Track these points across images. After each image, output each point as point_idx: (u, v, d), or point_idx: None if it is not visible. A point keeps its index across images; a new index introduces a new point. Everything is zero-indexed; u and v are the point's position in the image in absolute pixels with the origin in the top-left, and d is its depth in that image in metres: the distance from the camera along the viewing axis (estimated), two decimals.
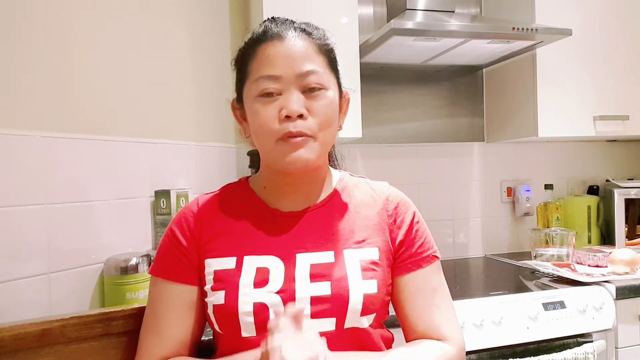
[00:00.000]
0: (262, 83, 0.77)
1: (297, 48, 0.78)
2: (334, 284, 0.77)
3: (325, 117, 0.78)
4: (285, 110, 0.75)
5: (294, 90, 0.76)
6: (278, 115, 0.76)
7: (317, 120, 0.77)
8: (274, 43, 0.78)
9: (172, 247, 0.83)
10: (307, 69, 0.77)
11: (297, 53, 0.77)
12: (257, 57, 0.79)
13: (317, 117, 0.77)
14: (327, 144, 0.81)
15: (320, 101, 0.78)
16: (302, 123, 0.76)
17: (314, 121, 0.77)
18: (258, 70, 0.78)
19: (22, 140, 0.98)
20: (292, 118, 0.75)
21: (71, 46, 1.10)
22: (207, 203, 0.86)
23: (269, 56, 0.77)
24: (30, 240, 0.99)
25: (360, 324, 0.78)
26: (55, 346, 0.80)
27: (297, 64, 0.77)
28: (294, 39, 0.78)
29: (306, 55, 0.78)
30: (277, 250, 0.80)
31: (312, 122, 0.77)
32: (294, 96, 0.76)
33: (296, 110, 0.75)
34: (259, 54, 0.79)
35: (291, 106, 0.75)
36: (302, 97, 0.77)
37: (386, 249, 0.83)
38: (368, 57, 1.74)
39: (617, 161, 2.27)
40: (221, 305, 0.77)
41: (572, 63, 1.83)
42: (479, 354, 1.29)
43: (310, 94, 0.77)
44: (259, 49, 0.79)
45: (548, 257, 1.68)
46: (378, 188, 0.90)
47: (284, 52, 0.77)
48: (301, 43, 0.78)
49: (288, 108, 0.75)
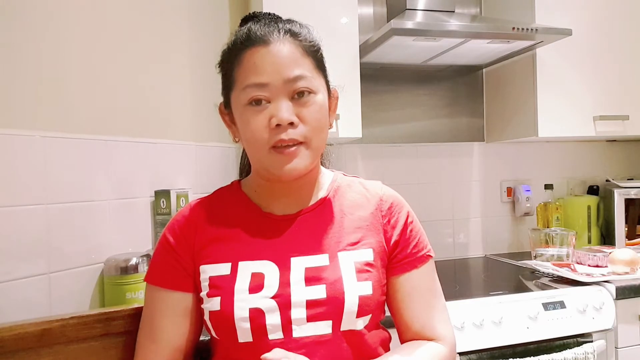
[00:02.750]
0: (250, 91, 0.76)
1: (284, 53, 0.76)
2: (329, 287, 0.76)
3: (317, 122, 0.78)
4: (276, 119, 0.75)
5: (282, 98, 0.76)
6: (268, 124, 0.75)
7: (308, 127, 0.77)
8: (259, 49, 0.76)
9: (166, 254, 0.83)
10: (295, 74, 0.76)
11: (284, 58, 0.76)
12: (242, 65, 0.77)
13: (308, 124, 0.77)
14: (320, 148, 0.81)
15: (310, 107, 0.77)
16: (293, 131, 0.76)
17: (305, 128, 0.77)
18: (245, 78, 0.77)
19: (22, 140, 0.98)
20: (282, 126, 0.75)
21: (71, 46, 1.10)
22: (200, 208, 0.86)
23: (255, 63, 0.76)
24: (30, 240, 0.99)
25: (356, 325, 0.78)
26: (55, 346, 0.79)
27: (284, 69, 0.76)
28: (279, 44, 0.77)
29: (293, 59, 0.77)
30: (271, 255, 0.79)
31: (304, 129, 0.76)
32: (283, 104, 0.75)
33: (287, 119, 0.74)
34: (244, 61, 0.77)
35: (281, 115, 0.74)
36: (291, 104, 0.76)
37: (380, 250, 0.83)
38: (368, 57, 1.74)
39: (617, 161, 2.27)
40: (217, 311, 0.76)
41: (572, 63, 1.83)
42: (479, 354, 1.29)
43: (300, 100, 0.77)
44: (243, 55, 0.77)
45: (548, 257, 1.68)
46: (371, 188, 0.90)
47: (270, 58, 0.76)
48: (287, 47, 0.77)
49: (278, 117, 0.74)
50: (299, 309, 0.75)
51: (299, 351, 0.74)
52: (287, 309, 0.75)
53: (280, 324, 0.75)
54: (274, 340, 0.74)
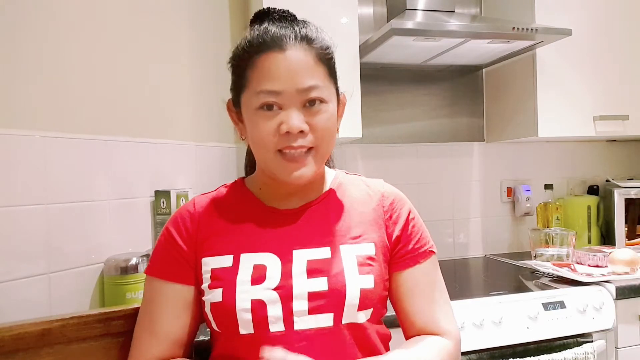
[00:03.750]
0: (263, 97, 0.76)
1: (298, 61, 0.76)
2: (330, 279, 0.77)
3: (326, 131, 0.79)
4: (286, 126, 0.75)
5: (294, 106, 0.76)
6: (278, 129, 0.76)
7: (317, 135, 0.78)
8: (275, 55, 0.76)
9: (169, 246, 0.83)
10: (309, 85, 0.76)
11: (298, 66, 0.76)
12: (256, 68, 0.77)
13: (317, 132, 0.78)
14: (327, 154, 0.83)
15: (321, 115, 0.78)
16: (302, 140, 0.77)
17: (314, 136, 0.78)
18: (259, 83, 0.77)
19: (22, 140, 0.98)
20: (292, 134, 0.76)
21: (71, 46, 1.10)
22: (203, 203, 0.86)
23: (270, 69, 0.76)
24: (30, 240, 0.99)
25: (357, 319, 0.78)
26: (55, 346, 0.80)
27: (298, 78, 0.76)
28: (294, 50, 0.77)
29: (307, 68, 0.77)
30: (273, 247, 0.80)
31: (312, 137, 0.78)
32: (294, 113, 0.76)
33: (297, 127, 0.75)
34: (259, 64, 0.77)
35: (292, 122, 0.75)
36: (302, 113, 0.77)
37: (382, 245, 0.84)
38: (368, 57, 1.74)
39: (617, 161, 2.27)
40: (219, 302, 0.77)
41: (572, 63, 1.83)
42: (479, 354, 1.29)
43: (311, 109, 0.77)
44: (258, 59, 0.77)
45: (548, 257, 1.68)
46: (373, 185, 0.91)
47: (285, 65, 0.76)
48: (302, 55, 0.77)
49: (289, 124, 0.75)
50: (300, 301, 0.76)
51: (300, 343, 0.75)
52: (289, 300, 0.76)
53: (282, 316, 0.75)
54: (275, 332, 0.75)
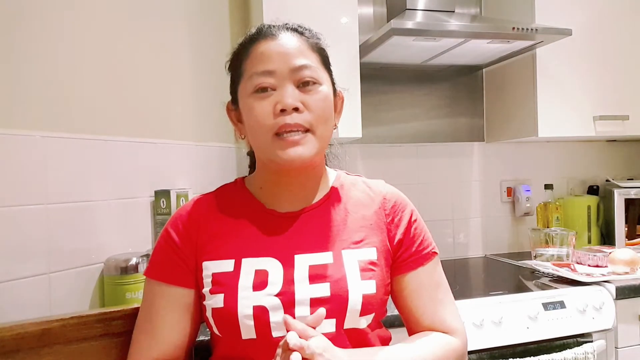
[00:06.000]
0: (257, 79, 0.77)
1: (291, 44, 0.79)
2: (333, 285, 0.76)
3: (321, 110, 0.79)
4: (280, 104, 0.75)
5: (288, 85, 0.77)
6: (273, 110, 0.76)
7: (313, 114, 0.77)
8: (267, 41, 0.79)
9: (168, 248, 0.82)
10: (301, 63, 0.78)
11: (291, 48, 0.79)
12: (250, 56, 0.80)
13: (313, 111, 0.77)
14: (325, 138, 0.81)
15: (315, 95, 0.78)
16: (298, 116, 0.76)
17: (310, 115, 0.77)
18: (252, 67, 0.79)
19: (22, 140, 0.98)
20: (287, 111, 0.75)
21: (71, 46, 1.10)
22: (203, 204, 0.86)
23: (262, 53, 0.78)
24: (30, 240, 0.99)
25: (359, 324, 0.78)
26: (55, 346, 0.80)
27: (290, 58, 0.78)
28: (287, 37, 0.80)
29: (299, 50, 0.79)
30: (275, 252, 0.79)
31: (308, 115, 0.77)
32: (288, 90, 0.76)
33: (291, 104, 0.75)
34: (252, 52, 0.80)
35: (286, 100, 0.75)
36: (296, 91, 0.77)
37: (384, 249, 0.83)
38: (368, 57, 1.74)
39: (617, 161, 2.27)
40: (220, 308, 0.76)
41: (572, 63, 1.83)
42: (479, 354, 1.29)
43: (305, 88, 0.78)
44: (252, 48, 0.80)
45: (548, 257, 1.68)
46: (374, 186, 0.90)
47: (277, 48, 0.78)
48: (294, 39, 0.80)
49: (283, 102, 0.75)
50: (302, 307, 0.75)
51: None
52: (291, 307, 0.75)
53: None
54: (278, 337, 0.74)
